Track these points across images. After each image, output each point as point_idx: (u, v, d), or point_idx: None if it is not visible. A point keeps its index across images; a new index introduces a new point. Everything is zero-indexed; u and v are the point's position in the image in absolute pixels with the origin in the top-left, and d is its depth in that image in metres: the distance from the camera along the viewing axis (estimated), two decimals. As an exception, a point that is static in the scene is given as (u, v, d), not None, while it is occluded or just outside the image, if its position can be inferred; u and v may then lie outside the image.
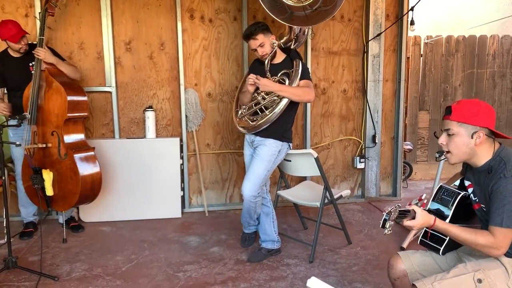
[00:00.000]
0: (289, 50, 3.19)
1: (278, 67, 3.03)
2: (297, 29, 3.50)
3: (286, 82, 2.97)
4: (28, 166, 3.30)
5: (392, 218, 1.68)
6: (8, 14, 3.77)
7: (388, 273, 1.95)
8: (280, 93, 2.92)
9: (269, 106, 2.99)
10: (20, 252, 3.30)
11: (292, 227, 3.79)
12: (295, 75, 2.97)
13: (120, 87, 4.05)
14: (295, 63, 3.01)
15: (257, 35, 2.94)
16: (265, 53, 2.98)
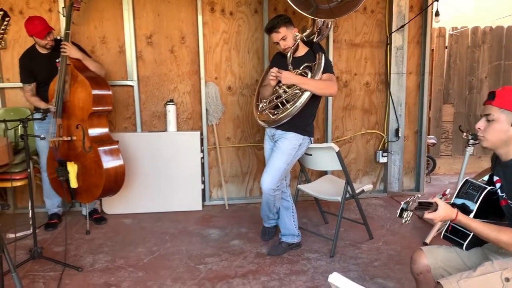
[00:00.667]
0: (311, 43, 3.15)
1: (300, 60, 3.00)
2: (320, 22, 3.46)
3: (308, 75, 2.94)
4: (53, 159, 3.37)
5: (410, 208, 1.62)
6: (32, 10, 3.83)
7: (411, 268, 1.91)
8: (302, 86, 2.88)
9: (291, 100, 2.95)
10: (45, 242, 3.37)
11: (313, 222, 3.77)
12: (318, 68, 2.92)
13: (142, 81, 4.08)
14: (318, 56, 2.96)
15: (279, 28, 2.91)
16: (287, 46, 2.95)
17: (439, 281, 1.64)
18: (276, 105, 3.04)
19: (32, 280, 2.77)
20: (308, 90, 2.88)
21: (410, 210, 1.62)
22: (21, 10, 3.85)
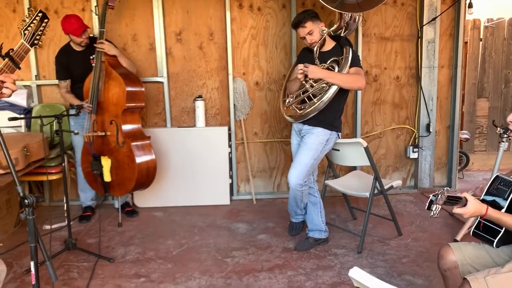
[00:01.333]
0: (339, 37, 3.12)
1: (327, 55, 2.98)
2: (348, 17, 3.42)
3: (335, 69, 2.91)
4: (88, 153, 3.48)
5: (439, 201, 1.59)
6: (66, 9, 3.96)
7: (438, 264, 1.89)
8: (329, 80, 2.86)
9: (317, 94, 2.94)
10: (79, 234, 3.50)
11: (341, 217, 3.75)
12: (345, 62, 2.90)
13: (171, 77, 4.16)
14: (345, 50, 2.94)
15: (306, 23, 2.90)
16: (314, 41, 2.94)
17: (466, 277, 1.62)
18: (303, 100, 3.03)
19: (67, 270, 2.89)
20: (335, 84, 2.86)
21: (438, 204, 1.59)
22: (56, 10, 3.99)
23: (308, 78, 2.93)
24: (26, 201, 1.37)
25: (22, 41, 1.69)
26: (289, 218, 3.45)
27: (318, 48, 2.96)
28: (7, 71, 1.59)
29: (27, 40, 1.70)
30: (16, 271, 2.90)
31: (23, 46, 1.68)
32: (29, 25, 1.72)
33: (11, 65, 1.60)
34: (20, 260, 3.06)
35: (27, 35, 1.70)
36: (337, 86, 2.86)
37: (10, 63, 1.60)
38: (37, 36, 1.74)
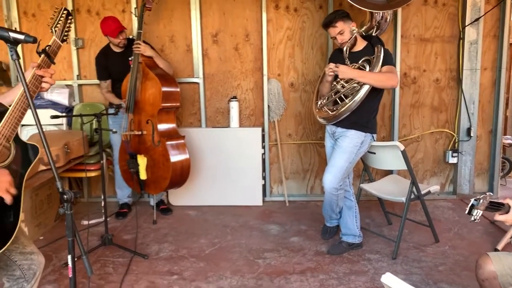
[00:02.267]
0: (370, 37, 3.07)
1: (359, 55, 2.93)
2: (379, 16, 3.36)
3: (366, 68, 2.86)
4: (125, 152, 3.57)
5: (480, 206, 1.53)
6: (107, 11, 4.08)
7: (476, 274, 1.81)
8: (359, 79, 2.81)
9: (349, 94, 2.89)
10: (115, 230, 3.59)
11: (376, 222, 3.68)
12: (377, 61, 2.84)
13: (207, 78, 4.20)
14: (377, 49, 2.88)
15: (336, 23, 2.87)
16: (344, 41, 2.90)
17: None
18: (335, 101, 2.99)
19: (103, 265, 2.96)
20: (367, 83, 2.80)
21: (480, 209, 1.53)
22: (97, 11, 4.12)
23: (339, 79, 2.90)
24: (65, 196, 1.41)
25: (54, 37, 1.77)
26: (322, 221, 3.41)
27: (348, 48, 2.92)
28: (44, 67, 1.66)
29: (58, 36, 1.77)
30: (55, 264, 3.00)
31: (55, 42, 1.76)
32: (57, 22, 1.79)
33: (47, 60, 1.68)
34: (59, 253, 3.17)
35: (57, 32, 1.78)
36: (369, 85, 2.81)
37: (47, 59, 1.68)
38: (65, 32, 1.82)
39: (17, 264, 1.70)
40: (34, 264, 1.76)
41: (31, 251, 1.75)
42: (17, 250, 1.70)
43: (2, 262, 1.68)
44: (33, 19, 4.19)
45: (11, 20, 4.16)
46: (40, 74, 1.65)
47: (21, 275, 1.72)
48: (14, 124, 1.53)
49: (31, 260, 1.74)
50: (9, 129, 1.52)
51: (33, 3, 4.17)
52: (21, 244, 1.72)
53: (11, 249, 1.66)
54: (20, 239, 1.71)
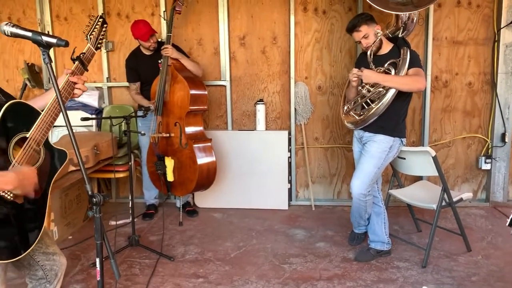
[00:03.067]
0: (396, 39, 3.00)
1: (384, 58, 2.86)
2: (405, 17, 3.28)
3: (392, 72, 2.79)
4: (153, 153, 3.60)
5: None
6: (137, 14, 4.14)
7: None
8: (384, 83, 2.74)
9: (375, 99, 2.83)
10: (142, 231, 3.62)
11: (405, 229, 3.59)
12: (403, 63, 2.76)
13: (234, 81, 4.20)
14: (403, 51, 2.80)
15: (360, 27, 2.82)
16: (369, 45, 2.84)
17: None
18: (362, 105, 2.94)
19: (130, 266, 2.99)
20: (392, 87, 2.74)
21: None
22: (127, 15, 4.18)
23: (364, 83, 2.84)
24: (94, 199, 1.42)
25: (88, 45, 1.80)
26: (349, 227, 3.36)
27: (372, 52, 2.86)
28: (77, 73, 1.69)
29: (92, 44, 1.81)
30: (83, 264, 3.05)
31: (89, 50, 1.79)
32: (92, 30, 1.82)
33: (81, 67, 1.71)
34: (87, 253, 3.22)
35: (92, 39, 1.81)
36: (395, 89, 2.74)
37: (80, 66, 1.71)
38: (100, 40, 1.85)
39: (39, 265, 1.73)
40: (56, 265, 1.78)
41: (54, 252, 1.78)
42: (40, 250, 1.73)
43: (25, 261, 1.71)
44: (65, 22, 4.29)
45: (44, 23, 4.27)
46: (73, 80, 1.67)
47: (43, 276, 1.74)
48: (45, 129, 1.56)
49: (53, 261, 1.76)
50: (40, 133, 1.55)
51: (65, 7, 4.26)
52: (44, 244, 1.75)
53: (34, 249, 1.68)
54: (43, 239, 1.74)
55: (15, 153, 1.48)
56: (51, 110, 1.57)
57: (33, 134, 1.53)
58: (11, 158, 1.46)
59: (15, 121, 1.50)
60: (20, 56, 4.40)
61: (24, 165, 1.50)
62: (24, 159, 1.49)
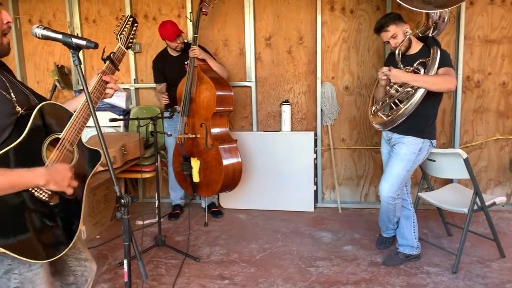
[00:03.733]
0: (426, 38, 2.92)
1: (414, 58, 2.79)
2: (436, 16, 3.19)
3: (421, 71, 2.72)
4: (179, 154, 3.62)
5: None
6: (164, 16, 4.17)
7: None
8: (413, 83, 2.67)
9: (404, 99, 2.77)
10: (168, 231, 3.64)
11: (434, 233, 3.49)
12: (432, 63, 2.69)
13: (259, 81, 4.18)
14: (432, 50, 2.72)
15: (388, 27, 2.76)
16: (398, 45, 2.78)
17: None
18: (391, 106, 2.87)
19: (156, 266, 3.01)
20: (421, 87, 2.66)
21: None
22: (154, 17, 4.22)
23: (393, 83, 2.78)
24: (122, 201, 1.42)
25: (119, 45, 1.80)
26: (377, 230, 3.29)
27: (400, 51, 2.79)
28: (108, 73, 1.70)
29: (123, 43, 1.81)
30: (110, 263, 3.09)
31: (120, 49, 1.79)
32: (123, 29, 1.82)
33: (112, 67, 1.72)
34: (114, 252, 3.26)
35: (122, 39, 1.81)
36: (424, 89, 2.67)
37: (111, 66, 1.71)
38: (130, 39, 1.85)
39: (71, 270, 1.73)
40: (87, 271, 1.78)
41: (86, 258, 1.78)
42: (74, 256, 1.73)
43: (58, 265, 1.71)
44: (94, 24, 4.36)
45: (73, 26, 4.36)
46: (105, 79, 1.68)
47: (74, 281, 1.74)
48: (78, 130, 1.57)
49: (84, 267, 1.77)
50: (73, 133, 1.56)
51: (93, 10, 4.34)
52: (77, 249, 1.75)
53: (68, 254, 1.69)
54: (77, 244, 1.74)
55: (49, 153, 1.49)
56: (83, 110, 1.58)
57: (66, 134, 1.54)
58: (44, 159, 1.47)
59: (48, 122, 1.52)
60: (50, 58, 4.51)
61: None
62: (57, 160, 1.50)
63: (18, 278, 1.45)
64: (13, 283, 1.45)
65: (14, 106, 1.47)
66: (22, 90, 1.57)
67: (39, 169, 1.38)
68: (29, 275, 1.47)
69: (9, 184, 1.29)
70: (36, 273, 1.48)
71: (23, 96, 1.55)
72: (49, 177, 1.38)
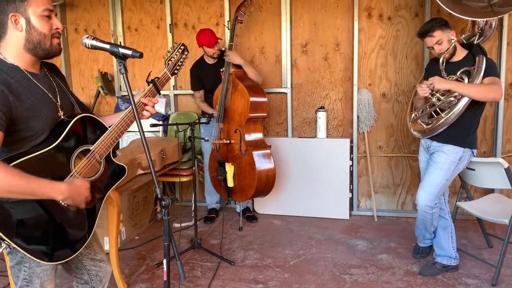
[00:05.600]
0: (471, 45, 2.84)
1: (457, 66, 2.73)
2: (482, 22, 3.11)
3: (465, 80, 2.65)
4: (214, 159, 3.70)
5: None
6: (202, 24, 4.28)
7: None
8: (457, 90, 2.61)
9: (446, 108, 2.71)
10: (204, 234, 3.72)
11: (474, 244, 3.39)
12: (477, 72, 2.62)
13: (295, 88, 4.21)
14: (478, 59, 2.66)
15: (434, 32, 2.70)
16: (442, 51, 2.72)
17: None
18: (431, 114, 2.82)
19: (192, 268, 3.08)
20: (465, 96, 2.60)
21: None
22: (193, 25, 4.34)
23: (434, 91, 2.72)
24: (163, 202, 1.49)
25: (165, 70, 1.88)
26: (413, 239, 3.24)
27: (444, 59, 2.73)
28: (149, 95, 1.78)
29: (169, 69, 1.88)
30: (148, 264, 3.19)
31: (165, 75, 1.87)
32: (172, 56, 1.89)
33: (153, 90, 1.79)
34: (152, 253, 3.36)
35: (169, 65, 1.89)
36: (467, 98, 2.61)
37: (153, 89, 1.79)
38: (177, 66, 1.92)
39: (86, 269, 1.82)
40: (102, 272, 1.86)
41: (101, 259, 1.87)
42: (89, 256, 1.82)
43: (73, 264, 1.81)
44: (136, 33, 4.53)
45: (116, 34, 4.54)
46: (144, 102, 1.76)
47: (88, 280, 1.83)
48: (109, 144, 1.66)
49: (99, 267, 1.85)
50: (104, 147, 1.65)
51: (136, 19, 4.51)
52: (93, 250, 1.84)
53: (83, 254, 1.79)
54: (93, 245, 1.83)
55: (77, 162, 1.58)
56: (118, 127, 1.67)
57: (97, 147, 1.63)
58: (71, 167, 1.56)
59: (84, 132, 1.61)
60: (95, 65, 4.71)
61: (82, 175, 1.59)
62: (84, 169, 1.59)
63: (27, 271, 1.56)
64: (23, 275, 1.57)
65: (57, 110, 1.59)
66: (68, 97, 1.68)
67: (60, 185, 1.45)
68: (37, 270, 1.58)
69: (29, 189, 1.37)
70: (45, 269, 1.59)
71: (68, 103, 1.66)
72: (67, 194, 1.46)
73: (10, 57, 1.50)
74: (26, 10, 1.46)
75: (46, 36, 1.51)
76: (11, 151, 1.44)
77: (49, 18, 1.52)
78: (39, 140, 1.51)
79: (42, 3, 1.49)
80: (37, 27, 1.49)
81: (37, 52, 1.52)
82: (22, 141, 1.48)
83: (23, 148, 1.46)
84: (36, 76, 1.55)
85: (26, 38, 1.49)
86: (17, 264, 1.57)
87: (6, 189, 1.32)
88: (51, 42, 1.54)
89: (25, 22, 1.47)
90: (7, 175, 1.32)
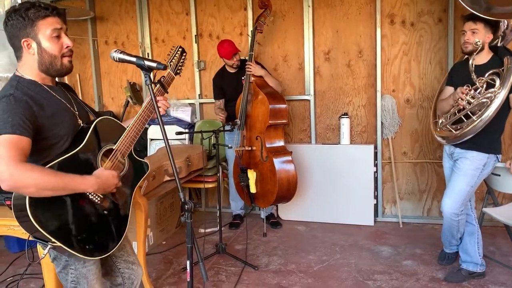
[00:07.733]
0: (496, 47, 2.81)
1: (484, 68, 2.69)
2: (503, 25, 3.07)
3: (496, 82, 2.62)
4: (237, 166, 3.77)
5: None
6: (226, 34, 4.38)
7: None
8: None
9: (476, 111, 2.66)
10: (228, 240, 3.78)
11: (502, 251, 3.33)
12: (508, 73, 2.57)
13: (318, 95, 4.25)
14: (506, 60, 2.61)
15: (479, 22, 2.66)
16: (468, 42, 2.67)
17: None
18: (458, 119, 2.79)
19: (216, 272, 3.15)
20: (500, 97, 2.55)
21: None
22: (218, 35, 4.45)
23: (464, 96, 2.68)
24: (186, 206, 1.56)
25: (168, 70, 2.01)
26: (439, 246, 3.20)
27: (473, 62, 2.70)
28: (158, 95, 1.90)
29: (172, 69, 2.02)
30: (175, 268, 3.27)
31: (169, 74, 2.01)
32: (172, 58, 2.03)
33: (161, 89, 1.92)
34: (179, 258, 3.45)
35: (172, 66, 2.02)
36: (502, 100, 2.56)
37: (161, 88, 1.92)
38: (179, 67, 2.06)
39: (120, 272, 1.91)
40: (134, 274, 1.94)
41: (133, 261, 1.95)
42: (122, 258, 1.91)
43: (108, 266, 1.90)
44: (162, 44, 4.68)
45: (144, 46, 4.70)
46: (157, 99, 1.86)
47: (121, 283, 1.92)
48: (129, 142, 1.77)
49: (132, 269, 1.93)
50: (125, 146, 1.76)
51: (162, 30, 4.66)
52: (126, 252, 1.93)
53: (117, 255, 1.88)
54: (126, 247, 1.92)
55: (103, 163, 1.70)
56: (135, 126, 1.78)
57: (119, 146, 1.74)
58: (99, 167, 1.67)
59: (104, 134, 1.72)
60: (124, 76, 4.88)
61: None
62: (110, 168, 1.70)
63: (74, 273, 1.68)
64: (70, 277, 1.68)
65: (77, 119, 1.71)
66: (83, 107, 1.81)
67: (89, 178, 1.57)
68: (83, 271, 1.68)
69: (62, 185, 1.48)
70: (90, 269, 1.69)
71: (83, 112, 1.79)
72: (97, 186, 1.58)
73: (28, 75, 1.60)
74: (37, 34, 1.56)
75: (57, 57, 1.61)
76: (39, 160, 1.55)
77: (58, 38, 1.61)
78: (64, 147, 1.62)
79: (49, 24, 1.57)
80: (47, 49, 1.58)
81: (51, 73, 1.63)
82: (49, 149, 1.59)
83: (50, 157, 1.57)
84: (53, 88, 1.67)
85: (38, 61, 1.59)
86: (63, 269, 1.68)
87: (42, 186, 1.42)
88: (61, 62, 1.63)
89: (37, 45, 1.57)
90: (42, 174, 1.43)
